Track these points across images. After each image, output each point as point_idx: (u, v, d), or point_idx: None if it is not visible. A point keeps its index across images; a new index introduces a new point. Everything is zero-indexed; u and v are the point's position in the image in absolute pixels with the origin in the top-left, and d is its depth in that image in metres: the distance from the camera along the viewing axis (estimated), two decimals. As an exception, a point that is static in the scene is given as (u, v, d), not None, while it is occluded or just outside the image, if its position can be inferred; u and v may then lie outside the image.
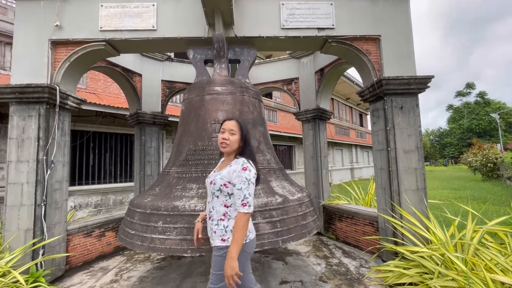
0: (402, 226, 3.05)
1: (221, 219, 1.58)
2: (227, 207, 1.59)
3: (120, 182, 7.18)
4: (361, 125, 24.50)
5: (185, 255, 2.02)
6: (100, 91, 7.16)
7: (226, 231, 1.56)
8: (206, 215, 1.76)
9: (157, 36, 3.30)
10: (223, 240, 1.55)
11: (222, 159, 1.77)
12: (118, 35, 3.28)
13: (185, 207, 2.21)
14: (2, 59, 5.64)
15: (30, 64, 3.19)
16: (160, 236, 2.13)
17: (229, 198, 1.59)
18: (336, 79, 4.97)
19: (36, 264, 2.94)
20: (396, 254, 3.09)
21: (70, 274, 3.38)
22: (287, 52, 5.49)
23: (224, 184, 1.57)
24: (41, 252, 3.03)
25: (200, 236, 1.78)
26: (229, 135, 1.64)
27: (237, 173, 1.55)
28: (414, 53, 3.37)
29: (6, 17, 5.65)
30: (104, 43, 3.28)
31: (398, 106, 3.28)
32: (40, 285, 2.70)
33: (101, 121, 6.78)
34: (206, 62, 3.43)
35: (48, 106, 3.18)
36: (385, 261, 3.27)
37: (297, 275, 3.14)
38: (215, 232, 1.58)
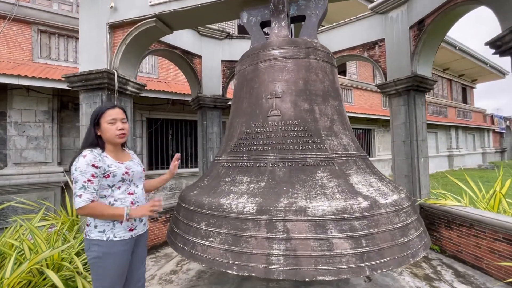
0: None
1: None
2: None
3: (191, 167, 7.45)
4: (465, 101, 19.61)
5: (229, 271, 1.52)
6: (170, 80, 7.46)
7: None
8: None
9: (206, 1, 2.82)
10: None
11: (97, 150, 1.52)
12: (167, 7, 2.95)
13: (231, 206, 1.69)
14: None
15: (92, 51, 3.21)
16: (203, 242, 1.69)
17: None
18: (443, 32, 3.56)
19: (105, 247, 3.03)
20: None
21: (138, 258, 3.44)
22: (369, 7, 4.29)
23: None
24: (109, 236, 3.11)
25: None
26: (122, 124, 1.58)
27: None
28: None
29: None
30: (154, 19, 3.02)
31: None
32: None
33: (171, 109, 7.07)
34: (263, 26, 2.78)
35: (109, 92, 3.17)
36: (540, 304, 2.08)
37: (387, 302, 2.31)
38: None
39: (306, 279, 1.40)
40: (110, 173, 1.49)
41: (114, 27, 3.23)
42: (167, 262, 3.33)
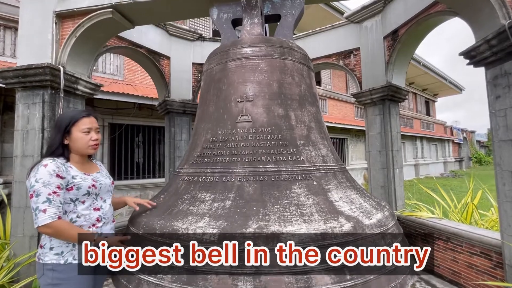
0: None
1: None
2: None
3: (159, 177, 6.91)
4: (428, 114, 21.02)
5: (183, 320, 1.18)
6: (137, 83, 6.93)
7: None
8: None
9: (171, -7, 2.52)
10: None
11: (60, 160, 1.32)
12: (126, -3, 2.60)
13: (188, 232, 1.36)
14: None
15: (35, 42, 2.73)
16: (150, 279, 1.33)
17: None
18: (416, 42, 3.59)
19: (40, 278, 2.49)
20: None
21: None
22: (344, 15, 4.26)
23: None
24: (47, 263, 2.58)
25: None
26: (97, 134, 1.43)
27: None
28: None
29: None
30: (111, 9, 2.64)
31: (555, 64, 1.90)
32: (35, 308, 2.21)
33: (138, 114, 6.54)
34: (235, 24, 2.53)
35: (53, 91, 2.70)
36: (523, 325, 1.98)
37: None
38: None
39: (279, 327, 1.11)
40: (74, 185, 1.31)
41: (62, 17, 2.79)
42: (121, 291, 2.84)
